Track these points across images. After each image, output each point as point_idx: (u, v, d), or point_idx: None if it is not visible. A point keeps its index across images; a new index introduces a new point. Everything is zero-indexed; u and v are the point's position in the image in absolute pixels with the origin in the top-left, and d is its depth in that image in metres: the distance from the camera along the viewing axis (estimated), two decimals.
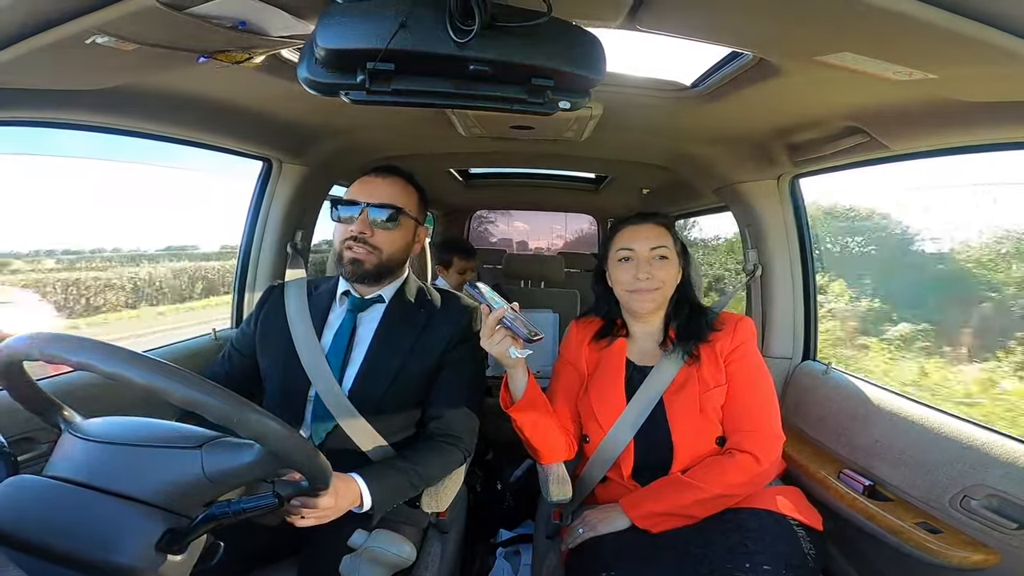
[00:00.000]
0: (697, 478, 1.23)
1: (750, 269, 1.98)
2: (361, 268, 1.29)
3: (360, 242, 1.28)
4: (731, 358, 1.34)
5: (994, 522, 1.12)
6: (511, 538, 2.03)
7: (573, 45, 0.82)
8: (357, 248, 1.28)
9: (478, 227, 6.18)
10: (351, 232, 1.28)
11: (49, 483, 0.70)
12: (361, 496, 1.12)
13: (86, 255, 4.23)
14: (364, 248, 1.29)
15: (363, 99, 0.83)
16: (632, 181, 2.96)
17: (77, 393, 1.24)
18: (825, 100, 1.24)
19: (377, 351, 1.31)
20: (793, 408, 1.77)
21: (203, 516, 0.73)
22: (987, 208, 3.05)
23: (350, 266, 1.30)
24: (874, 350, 3.71)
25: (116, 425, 0.78)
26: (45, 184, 2.49)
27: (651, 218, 1.39)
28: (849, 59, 0.92)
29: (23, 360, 0.74)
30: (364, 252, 1.29)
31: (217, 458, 0.75)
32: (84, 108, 1.21)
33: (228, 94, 1.38)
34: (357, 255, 1.29)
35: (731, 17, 0.88)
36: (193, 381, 0.69)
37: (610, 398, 1.36)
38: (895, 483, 1.34)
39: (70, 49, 0.86)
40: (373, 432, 1.26)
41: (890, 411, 1.43)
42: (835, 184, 1.78)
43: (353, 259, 1.29)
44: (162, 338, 1.83)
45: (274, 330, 1.35)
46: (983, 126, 1.16)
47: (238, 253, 1.99)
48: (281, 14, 0.85)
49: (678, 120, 1.59)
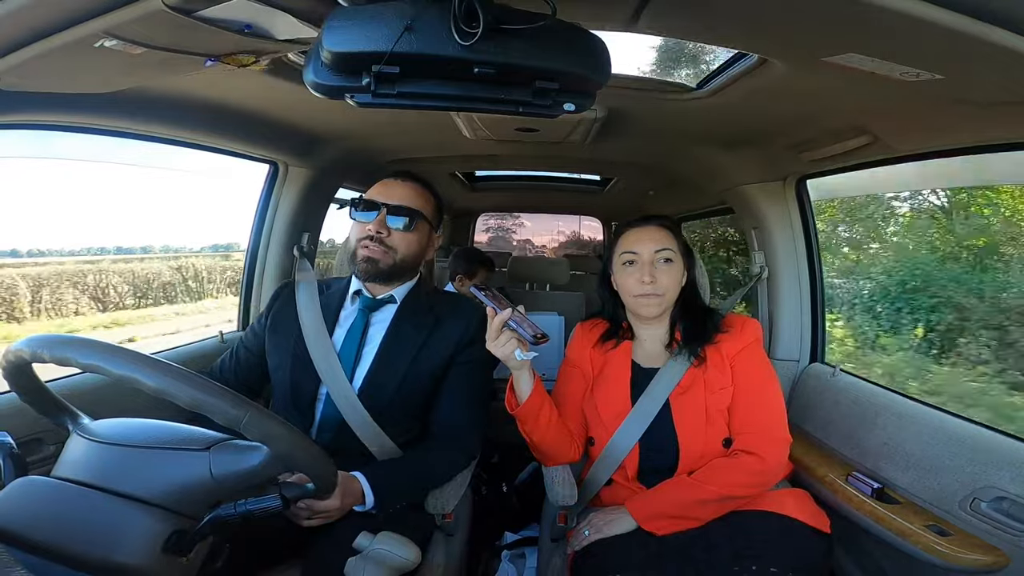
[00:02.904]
0: (703, 480, 1.23)
1: (756, 271, 1.97)
2: (375, 267, 1.30)
3: (376, 241, 1.29)
4: (737, 360, 1.33)
5: (1004, 524, 1.11)
6: (516, 541, 2.02)
7: (577, 47, 0.82)
8: (373, 247, 1.30)
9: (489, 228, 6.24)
10: (368, 231, 1.29)
11: (57, 484, 0.71)
12: (364, 494, 1.12)
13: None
14: (380, 247, 1.30)
15: (369, 102, 0.83)
16: (637, 183, 2.96)
17: (85, 395, 1.25)
18: (831, 101, 1.24)
19: (388, 351, 1.32)
20: (801, 411, 1.76)
21: (209, 518, 0.74)
22: None
23: (364, 264, 1.31)
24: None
25: (124, 427, 0.79)
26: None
27: (654, 220, 1.39)
28: (855, 60, 0.91)
29: (32, 362, 0.74)
30: (380, 251, 1.30)
31: (225, 460, 0.75)
32: (93, 111, 1.22)
33: (235, 97, 1.39)
34: (372, 254, 1.30)
35: (735, 19, 0.87)
36: (202, 384, 0.70)
37: (616, 400, 1.36)
38: (904, 486, 1.33)
39: (79, 53, 0.87)
40: (380, 432, 1.27)
41: (899, 413, 1.42)
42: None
43: (368, 257, 1.30)
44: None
45: (284, 328, 1.36)
46: (991, 126, 1.15)
47: (245, 256, 2.00)
48: (287, 18, 0.86)
49: (683, 122, 1.58)
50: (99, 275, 4.18)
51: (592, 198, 3.67)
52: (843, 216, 4.24)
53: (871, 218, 4.16)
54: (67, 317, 3.86)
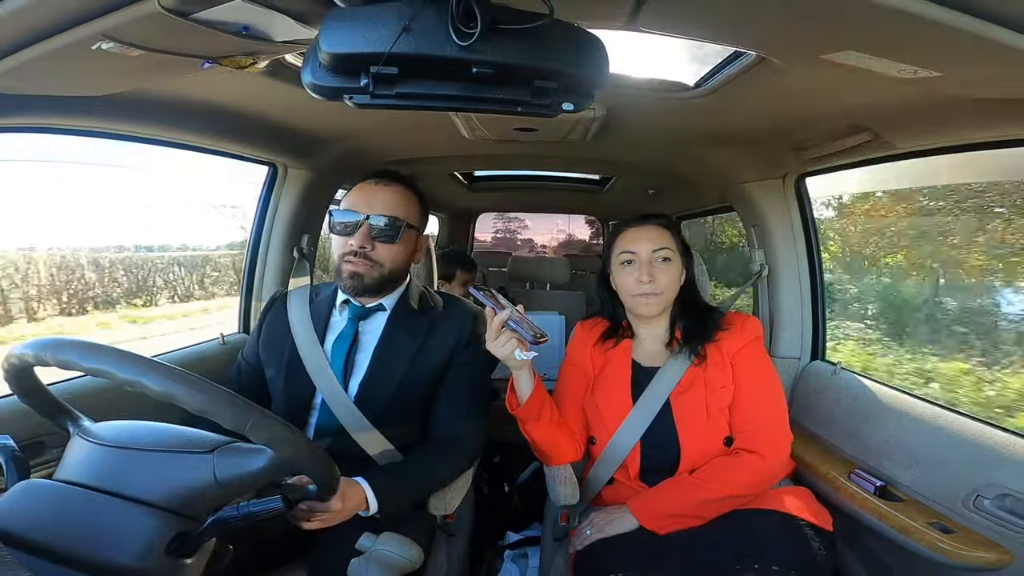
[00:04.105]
0: (704, 478, 1.23)
1: (756, 269, 1.97)
2: (361, 282, 1.26)
3: (361, 257, 1.24)
4: (738, 358, 1.33)
5: (1007, 521, 1.11)
6: (518, 540, 2.03)
7: (576, 46, 0.82)
8: (357, 262, 1.24)
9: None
10: (350, 246, 1.24)
11: (60, 487, 0.71)
12: (367, 500, 1.12)
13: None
14: (365, 263, 1.25)
15: (367, 103, 0.83)
16: (637, 182, 2.95)
17: (87, 397, 1.25)
18: (830, 99, 1.23)
19: (381, 358, 1.30)
20: (802, 408, 1.76)
21: (212, 520, 0.74)
22: None
23: (349, 280, 1.26)
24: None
25: (126, 429, 0.79)
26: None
27: (653, 220, 1.39)
28: (853, 57, 0.91)
29: (35, 366, 0.74)
30: (365, 267, 1.25)
31: (229, 463, 0.75)
32: (91, 114, 1.22)
33: (233, 99, 1.39)
34: (357, 269, 1.25)
35: (733, 16, 0.87)
36: (209, 389, 0.71)
37: (616, 399, 1.36)
38: (907, 483, 1.32)
39: (76, 55, 0.87)
40: (379, 437, 1.26)
41: (901, 411, 1.42)
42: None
43: (353, 273, 1.25)
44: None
45: (277, 339, 1.35)
46: (990, 123, 1.15)
47: (244, 258, 2.00)
48: (285, 19, 0.86)
49: (682, 120, 1.58)
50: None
51: (591, 198, 3.66)
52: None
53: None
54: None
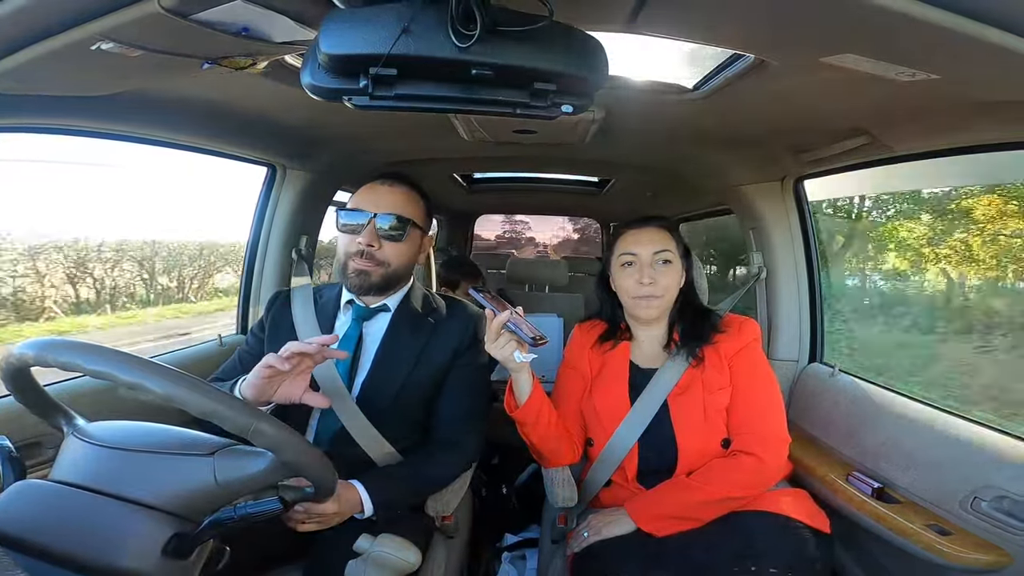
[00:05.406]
0: (702, 480, 1.23)
1: (755, 271, 1.97)
2: (368, 281, 1.26)
3: (367, 256, 1.25)
4: (735, 360, 1.33)
5: (1005, 523, 1.11)
6: (516, 542, 2.02)
7: (575, 48, 0.82)
8: (363, 261, 1.25)
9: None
10: (358, 245, 1.25)
11: (57, 488, 0.71)
12: (362, 503, 1.12)
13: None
14: (371, 261, 1.25)
15: (366, 104, 0.83)
16: (636, 184, 2.96)
17: (83, 397, 1.24)
18: (828, 102, 1.24)
19: (384, 360, 1.30)
20: (800, 411, 1.76)
21: (209, 521, 0.74)
22: None
23: (356, 278, 1.27)
24: None
25: (124, 430, 0.78)
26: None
27: (653, 222, 1.39)
28: (851, 60, 0.91)
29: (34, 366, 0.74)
30: (371, 265, 1.25)
31: (229, 466, 0.75)
32: (90, 114, 1.22)
33: (232, 100, 1.39)
34: (363, 267, 1.25)
35: (732, 19, 0.87)
36: (210, 392, 0.70)
37: (614, 401, 1.36)
38: (904, 485, 1.33)
39: (75, 55, 0.86)
40: (380, 438, 1.26)
41: (898, 413, 1.42)
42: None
43: (359, 271, 1.26)
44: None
45: (281, 336, 1.34)
46: (988, 126, 1.15)
47: (243, 259, 2.00)
48: (284, 20, 0.86)
49: (681, 123, 1.59)
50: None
51: (590, 199, 3.67)
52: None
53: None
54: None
